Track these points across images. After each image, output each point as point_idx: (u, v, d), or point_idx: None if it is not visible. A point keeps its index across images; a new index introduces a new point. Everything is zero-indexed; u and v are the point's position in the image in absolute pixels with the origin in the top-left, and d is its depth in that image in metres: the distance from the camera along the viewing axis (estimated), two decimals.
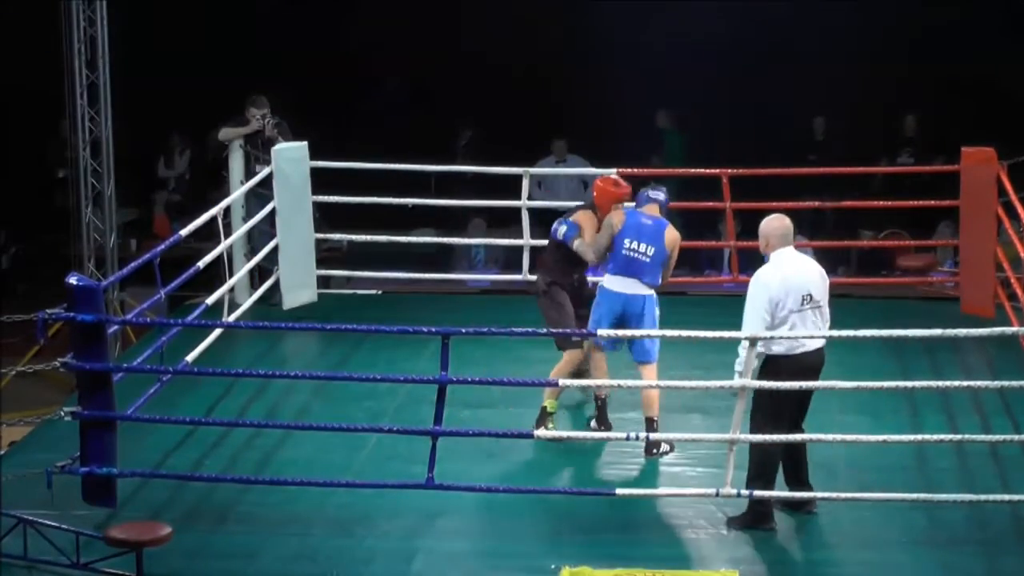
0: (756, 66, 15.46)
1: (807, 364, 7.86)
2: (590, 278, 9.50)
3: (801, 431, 7.99)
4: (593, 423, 9.23)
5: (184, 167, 16.35)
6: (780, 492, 7.99)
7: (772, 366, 7.88)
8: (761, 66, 15.43)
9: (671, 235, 8.91)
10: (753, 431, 7.89)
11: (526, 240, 11.66)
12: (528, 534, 7.99)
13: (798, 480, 8.08)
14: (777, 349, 7.84)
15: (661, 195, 9.04)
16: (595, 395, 9.26)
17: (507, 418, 9.05)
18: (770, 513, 7.96)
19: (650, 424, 8.87)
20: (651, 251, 8.87)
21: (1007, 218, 10.94)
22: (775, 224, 8.03)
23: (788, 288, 7.83)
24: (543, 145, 15.47)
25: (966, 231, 11.20)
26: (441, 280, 12.59)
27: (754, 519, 7.95)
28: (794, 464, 8.05)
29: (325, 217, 11.88)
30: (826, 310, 7.95)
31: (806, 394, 7.97)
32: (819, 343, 7.89)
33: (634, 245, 8.88)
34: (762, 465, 7.93)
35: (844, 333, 7.84)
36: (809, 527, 7.98)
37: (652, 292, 8.94)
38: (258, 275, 11.61)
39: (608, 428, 9.14)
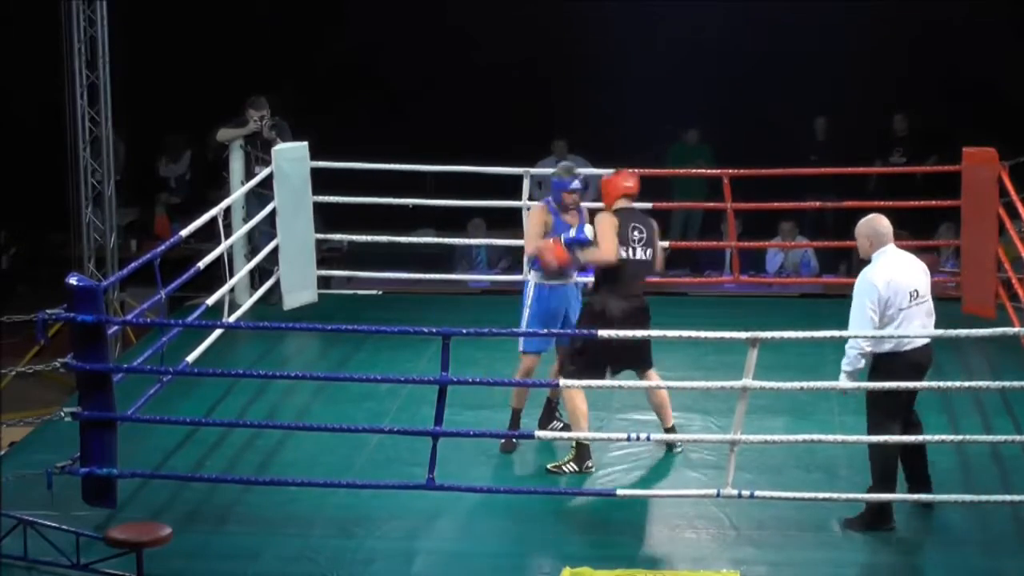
0: (757, 66, 15.45)
1: (917, 360, 7.85)
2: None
3: (919, 429, 8.00)
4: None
5: (185, 167, 16.34)
6: (787, 492, 8.00)
7: (884, 364, 7.83)
8: (762, 66, 15.42)
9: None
10: (872, 431, 7.86)
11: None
12: (528, 535, 7.99)
13: (919, 479, 8.05)
14: (887, 347, 7.81)
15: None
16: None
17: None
18: (890, 513, 7.92)
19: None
20: None
21: (1008, 218, 10.93)
22: (876, 224, 8.01)
23: (896, 286, 7.82)
24: (543, 145, 15.46)
25: (968, 231, 11.19)
26: (442, 280, 12.56)
27: (873, 520, 7.91)
28: (911, 464, 8.04)
29: (324, 219, 11.86)
30: (931, 304, 7.94)
31: (914, 391, 7.95)
32: (926, 340, 7.86)
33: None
34: (884, 467, 7.91)
35: (845, 333, 7.84)
36: (809, 527, 7.98)
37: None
38: (258, 275, 11.60)
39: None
